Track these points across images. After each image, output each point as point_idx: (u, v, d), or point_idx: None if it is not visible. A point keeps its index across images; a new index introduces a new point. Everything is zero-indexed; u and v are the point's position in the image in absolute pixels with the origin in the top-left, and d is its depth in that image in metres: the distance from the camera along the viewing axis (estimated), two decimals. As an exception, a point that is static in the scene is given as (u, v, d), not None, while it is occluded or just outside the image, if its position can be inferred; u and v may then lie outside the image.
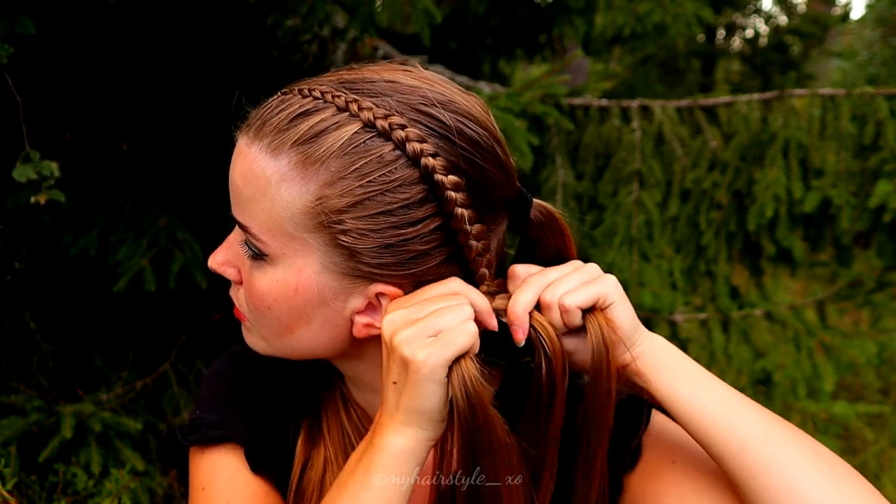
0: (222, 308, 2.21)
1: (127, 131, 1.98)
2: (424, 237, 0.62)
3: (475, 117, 0.64)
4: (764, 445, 0.60)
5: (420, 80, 0.65)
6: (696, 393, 0.63)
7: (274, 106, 0.64)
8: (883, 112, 2.08)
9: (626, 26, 3.24)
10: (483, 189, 0.64)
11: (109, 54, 1.96)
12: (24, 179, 1.39)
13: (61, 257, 1.90)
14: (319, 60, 2.51)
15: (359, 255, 0.62)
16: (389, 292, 0.64)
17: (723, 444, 0.61)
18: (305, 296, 0.65)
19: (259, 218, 0.63)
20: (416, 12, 1.91)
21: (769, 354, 2.12)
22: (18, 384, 2.05)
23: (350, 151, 0.60)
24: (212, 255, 0.71)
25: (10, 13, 1.26)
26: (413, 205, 0.61)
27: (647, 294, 2.13)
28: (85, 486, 1.88)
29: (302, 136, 0.61)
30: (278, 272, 0.65)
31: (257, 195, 0.63)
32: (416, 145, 0.60)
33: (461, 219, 0.62)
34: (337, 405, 0.80)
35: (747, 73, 9.50)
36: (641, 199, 2.18)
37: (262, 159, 0.62)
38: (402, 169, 0.61)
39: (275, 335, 0.69)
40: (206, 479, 0.76)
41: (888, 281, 2.23)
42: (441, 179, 0.61)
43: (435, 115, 0.62)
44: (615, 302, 0.65)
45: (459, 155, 0.62)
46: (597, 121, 2.29)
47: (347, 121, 0.61)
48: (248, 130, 0.65)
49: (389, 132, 0.60)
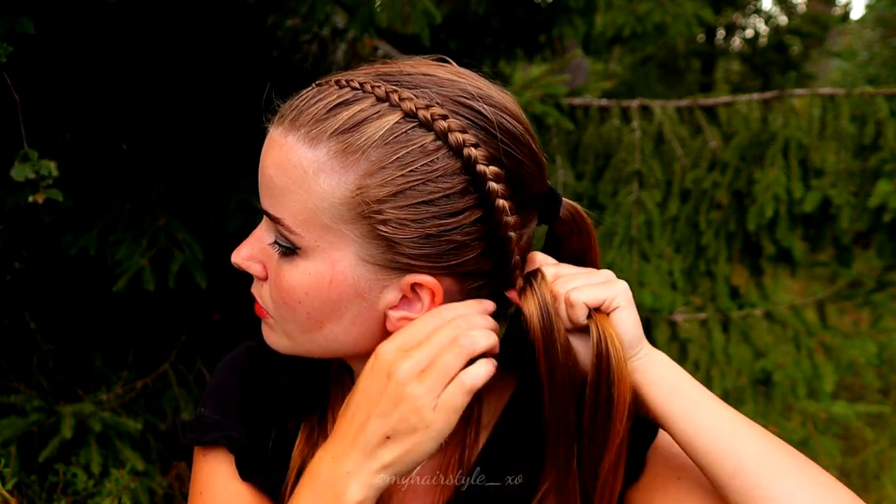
0: (222, 308, 2.21)
1: (127, 131, 1.98)
2: (465, 228, 0.62)
3: (512, 112, 0.65)
4: (760, 468, 0.59)
5: (457, 74, 0.65)
6: (693, 412, 0.62)
7: (310, 97, 0.63)
8: (883, 112, 2.08)
9: (626, 26, 3.24)
10: (520, 182, 0.64)
11: (109, 54, 1.96)
12: (21, 178, 1.39)
13: (61, 257, 1.90)
14: (319, 60, 2.51)
15: (397, 246, 0.61)
16: (426, 283, 0.63)
17: (718, 465, 0.61)
18: (339, 289, 0.64)
19: (293, 209, 0.62)
20: (415, 12, 1.91)
21: (769, 354, 2.12)
22: (18, 384, 2.05)
23: (391, 141, 0.59)
24: (235, 251, 0.70)
25: (10, 13, 1.26)
26: (454, 195, 0.61)
27: (647, 294, 2.13)
28: (85, 486, 1.88)
29: (341, 125, 0.60)
30: (311, 265, 0.63)
31: (292, 186, 0.61)
32: (458, 135, 0.60)
33: (502, 210, 0.62)
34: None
35: (747, 73, 9.51)
36: (641, 199, 2.18)
37: (300, 149, 0.61)
38: (443, 159, 0.60)
39: (302, 331, 0.68)
40: (205, 485, 0.75)
41: (888, 281, 2.23)
42: (483, 170, 0.60)
43: (475, 108, 0.62)
44: (621, 307, 0.65)
45: (500, 148, 0.62)
46: (597, 121, 2.29)
47: (388, 110, 0.60)
48: (282, 121, 0.63)
49: (431, 122, 0.60)
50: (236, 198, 1.87)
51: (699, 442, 0.62)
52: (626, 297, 0.65)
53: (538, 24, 2.95)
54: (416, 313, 0.65)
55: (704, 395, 0.64)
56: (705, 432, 0.61)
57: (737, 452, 0.60)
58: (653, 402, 0.64)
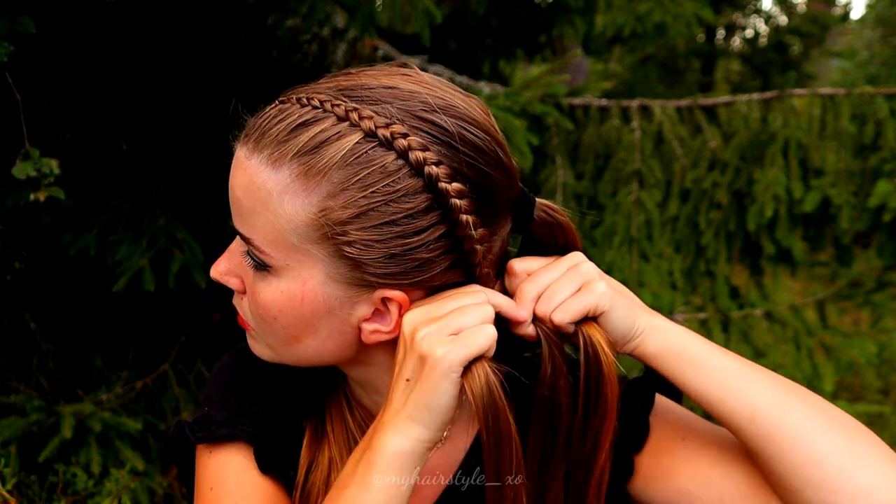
0: (222, 308, 2.21)
1: (127, 131, 1.98)
2: (430, 245, 0.62)
3: (476, 121, 0.64)
4: (774, 410, 0.61)
5: (419, 84, 0.64)
6: (700, 369, 0.64)
7: (273, 116, 0.63)
8: (883, 112, 2.07)
9: (626, 26, 3.24)
10: (486, 193, 0.64)
11: (110, 54, 1.96)
12: (23, 176, 1.39)
13: (61, 257, 1.90)
14: (319, 60, 2.51)
15: (364, 266, 0.62)
16: (395, 297, 0.64)
17: (735, 413, 0.63)
18: (311, 306, 0.65)
19: (262, 230, 0.63)
20: (416, 12, 1.91)
21: (769, 354, 2.12)
22: (18, 384, 2.05)
23: (352, 162, 0.60)
24: (214, 265, 0.71)
25: (11, 12, 1.26)
26: (417, 214, 0.61)
27: (647, 294, 2.13)
28: (85, 486, 1.88)
29: (302, 147, 0.60)
30: (283, 283, 0.64)
31: (259, 207, 0.62)
32: (419, 154, 0.60)
33: (466, 225, 0.62)
34: (341, 406, 0.80)
35: (747, 72, 9.51)
36: (641, 199, 2.18)
37: (263, 172, 0.62)
38: (405, 179, 0.60)
39: (281, 344, 0.69)
40: (215, 480, 0.75)
41: (888, 281, 2.23)
42: (445, 188, 0.60)
43: (436, 122, 0.62)
44: (606, 311, 0.66)
45: (462, 161, 0.62)
46: (596, 121, 2.29)
47: (348, 131, 0.60)
48: (246, 141, 0.64)
49: (391, 141, 0.60)
50: (236, 198, 1.86)
51: (712, 395, 0.64)
52: (607, 298, 0.66)
53: (538, 24, 2.95)
54: (387, 325, 0.66)
55: (709, 350, 0.66)
56: (716, 386, 0.63)
57: (750, 398, 0.62)
58: (663, 371, 0.66)
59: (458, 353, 0.60)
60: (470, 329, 0.61)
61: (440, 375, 0.60)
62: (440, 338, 0.60)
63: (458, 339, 0.60)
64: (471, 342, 0.60)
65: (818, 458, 0.59)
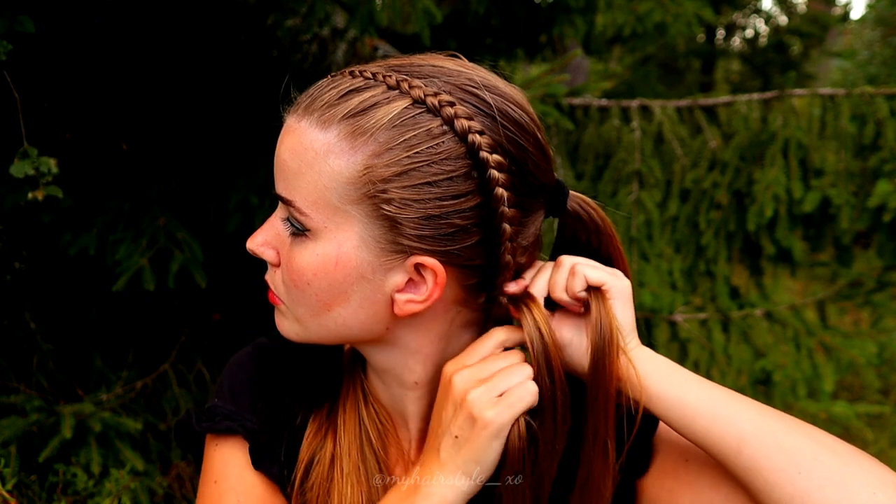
0: (222, 308, 2.21)
1: (127, 131, 1.98)
2: (464, 212, 0.63)
3: (518, 101, 0.67)
4: (762, 440, 0.60)
5: (465, 66, 0.68)
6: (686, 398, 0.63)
7: (325, 85, 0.66)
8: (883, 112, 2.08)
9: (627, 26, 3.24)
10: (523, 171, 0.66)
11: (109, 53, 1.96)
12: (21, 175, 1.39)
13: (61, 257, 1.90)
14: (319, 60, 2.51)
15: (400, 227, 0.63)
16: (429, 263, 0.65)
17: (721, 444, 0.61)
18: (345, 270, 0.65)
19: (304, 191, 0.64)
20: (416, 12, 1.91)
21: (769, 354, 2.12)
22: (18, 384, 2.05)
23: (399, 124, 0.62)
24: (251, 238, 0.72)
25: (10, 11, 1.26)
26: (457, 178, 0.63)
27: (647, 294, 2.13)
28: (85, 486, 1.88)
29: (352, 109, 0.63)
30: (319, 247, 0.66)
31: (304, 168, 0.64)
32: (463, 122, 0.62)
33: (500, 199, 0.64)
34: (357, 400, 0.80)
35: (747, 73, 9.52)
36: (641, 199, 2.18)
37: (311, 132, 0.64)
38: (448, 143, 0.62)
39: (311, 314, 0.69)
40: (219, 473, 0.77)
41: (888, 281, 2.23)
42: (486, 157, 0.62)
43: (481, 96, 0.64)
44: (614, 299, 0.67)
45: (503, 135, 0.64)
46: (596, 121, 2.29)
47: (398, 97, 0.63)
48: (296, 108, 0.66)
49: (438, 108, 0.62)
50: (235, 198, 1.87)
51: (698, 425, 0.63)
52: (622, 292, 0.68)
53: (538, 24, 2.95)
54: (421, 295, 0.66)
55: (695, 380, 0.65)
56: (702, 415, 0.62)
57: (737, 428, 0.61)
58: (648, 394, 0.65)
59: (507, 414, 0.64)
60: (515, 388, 0.65)
61: (490, 436, 0.64)
62: (489, 399, 0.65)
63: (505, 401, 0.64)
64: (516, 402, 0.64)
65: (807, 490, 0.57)
